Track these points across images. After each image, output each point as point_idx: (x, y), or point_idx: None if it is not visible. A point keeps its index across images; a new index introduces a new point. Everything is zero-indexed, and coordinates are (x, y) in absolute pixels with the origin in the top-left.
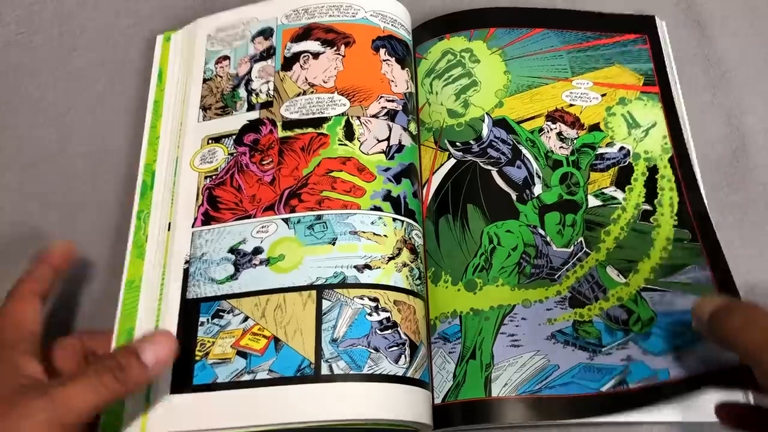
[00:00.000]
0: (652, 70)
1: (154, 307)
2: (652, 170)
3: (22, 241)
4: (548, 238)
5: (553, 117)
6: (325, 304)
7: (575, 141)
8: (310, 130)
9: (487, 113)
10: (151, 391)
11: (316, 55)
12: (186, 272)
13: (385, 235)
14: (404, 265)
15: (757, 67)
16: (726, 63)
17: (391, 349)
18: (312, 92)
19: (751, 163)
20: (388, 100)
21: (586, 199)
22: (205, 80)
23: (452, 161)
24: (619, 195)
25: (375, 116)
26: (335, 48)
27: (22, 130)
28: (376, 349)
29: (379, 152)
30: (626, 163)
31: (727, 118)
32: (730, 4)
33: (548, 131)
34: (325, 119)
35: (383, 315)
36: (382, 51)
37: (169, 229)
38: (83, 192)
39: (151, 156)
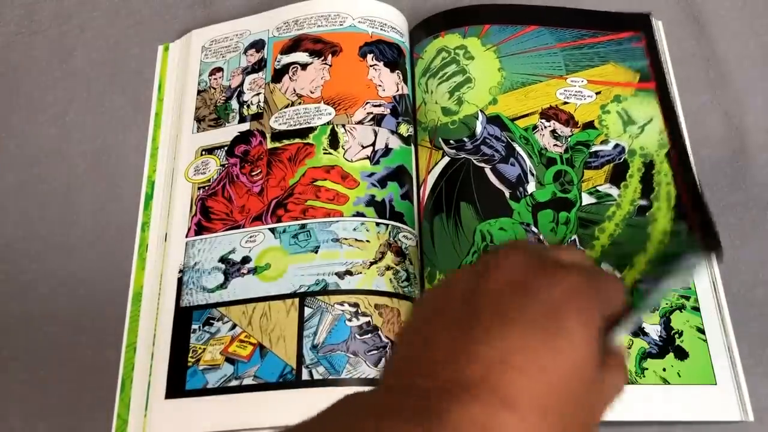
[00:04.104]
0: (647, 67)
1: (153, 316)
2: (648, 166)
3: (23, 241)
4: (541, 236)
5: (547, 114)
6: (307, 311)
7: (569, 139)
8: (296, 140)
9: (480, 110)
10: (149, 397)
11: (304, 66)
12: (180, 281)
13: (368, 240)
14: (387, 268)
15: (757, 67)
16: (726, 63)
17: (370, 353)
18: (299, 103)
19: (751, 163)
20: (375, 105)
21: (580, 197)
22: (199, 92)
23: (446, 159)
24: (614, 192)
25: (360, 122)
26: (322, 58)
27: (22, 130)
28: (355, 354)
29: (364, 158)
30: (621, 160)
31: (726, 119)
32: (729, 3)
33: (542, 129)
34: (311, 129)
35: (363, 320)
36: (369, 56)
37: (165, 240)
38: (83, 192)
39: (151, 167)
